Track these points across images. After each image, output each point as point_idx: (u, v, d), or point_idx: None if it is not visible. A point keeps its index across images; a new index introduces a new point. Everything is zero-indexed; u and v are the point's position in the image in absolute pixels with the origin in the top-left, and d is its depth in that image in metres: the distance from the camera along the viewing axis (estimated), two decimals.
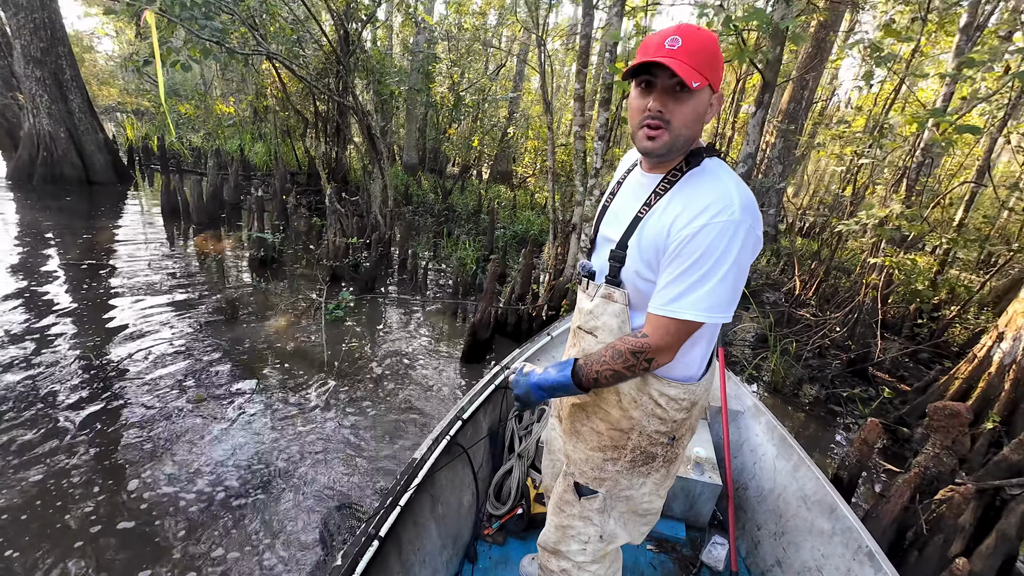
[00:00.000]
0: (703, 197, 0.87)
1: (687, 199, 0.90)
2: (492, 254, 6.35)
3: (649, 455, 1.10)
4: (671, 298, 0.89)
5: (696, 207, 0.87)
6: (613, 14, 3.10)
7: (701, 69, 0.83)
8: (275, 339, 3.72)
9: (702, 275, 0.85)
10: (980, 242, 4.48)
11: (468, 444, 1.86)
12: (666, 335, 0.91)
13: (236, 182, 8.20)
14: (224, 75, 13.14)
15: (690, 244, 0.86)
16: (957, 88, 4.48)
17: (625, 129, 7.19)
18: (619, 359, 0.95)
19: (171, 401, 2.81)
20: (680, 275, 0.87)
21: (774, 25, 2.80)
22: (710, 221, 0.84)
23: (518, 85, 13.89)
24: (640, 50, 0.89)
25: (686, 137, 0.91)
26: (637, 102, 0.91)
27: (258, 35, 6.16)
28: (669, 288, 0.89)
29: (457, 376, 3.58)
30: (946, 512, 2.05)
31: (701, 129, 0.93)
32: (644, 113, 0.90)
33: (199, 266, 5.07)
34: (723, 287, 0.86)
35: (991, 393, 3.22)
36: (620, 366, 0.95)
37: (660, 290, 0.91)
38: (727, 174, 0.92)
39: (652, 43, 0.86)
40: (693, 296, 0.86)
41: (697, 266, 0.85)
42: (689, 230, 0.86)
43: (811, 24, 8.53)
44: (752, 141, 5.53)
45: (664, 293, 0.90)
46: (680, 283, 0.87)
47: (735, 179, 0.91)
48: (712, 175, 0.92)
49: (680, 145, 0.92)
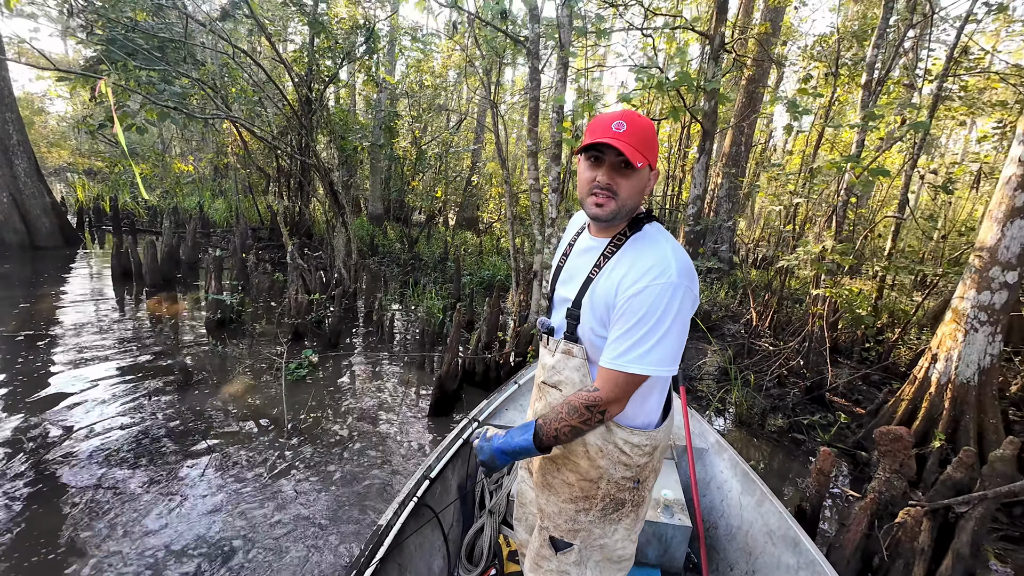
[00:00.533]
0: (645, 261, 0.98)
1: (631, 262, 1.00)
2: (459, 302, 6.38)
3: (618, 501, 1.15)
4: (619, 353, 0.97)
5: (639, 270, 0.97)
6: (558, 80, 3.37)
7: (643, 151, 0.96)
8: (232, 405, 3.56)
9: (646, 332, 0.94)
10: (909, 268, 4.88)
11: (437, 504, 1.82)
12: (615, 387, 0.99)
13: (194, 240, 8.01)
14: (183, 135, 13.11)
15: (634, 303, 0.95)
16: (869, 134, 5.00)
17: (576, 180, 7.53)
18: (575, 414, 1.02)
19: (112, 482, 2.61)
20: (626, 332, 0.96)
21: (703, 87, 3.11)
22: (651, 283, 0.94)
23: (480, 136, 14.47)
24: (590, 129, 1.01)
25: (630, 207, 1.03)
26: (587, 174, 1.02)
27: (219, 97, 6.27)
28: (617, 344, 0.97)
29: (425, 431, 3.50)
30: (902, 536, 2.12)
31: (642, 199, 1.05)
32: (593, 183, 1.01)
33: (151, 331, 4.85)
34: (666, 343, 0.94)
35: (934, 412, 3.41)
36: (576, 421, 1.02)
37: (609, 345, 0.99)
38: (665, 239, 1.03)
39: (601, 124, 0.98)
40: (639, 351, 0.95)
41: (642, 324, 0.94)
42: (633, 290, 0.95)
43: (742, 79, 9.42)
44: (699, 184, 5.93)
45: (613, 348, 0.98)
46: (627, 339, 0.96)
47: (672, 244, 1.02)
48: (652, 240, 1.03)
49: (625, 213, 1.04)
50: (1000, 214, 3.18)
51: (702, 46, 9.30)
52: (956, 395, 3.32)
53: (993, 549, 2.74)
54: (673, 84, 2.60)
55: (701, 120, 4.98)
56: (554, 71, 3.42)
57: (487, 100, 4.98)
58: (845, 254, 3.66)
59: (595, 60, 14.99)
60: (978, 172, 6.17)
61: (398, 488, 2.78)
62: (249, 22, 7.50)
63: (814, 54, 7.32)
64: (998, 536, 2.85)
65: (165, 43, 5.61)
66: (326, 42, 7.82)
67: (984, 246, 3.26)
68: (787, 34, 10.41)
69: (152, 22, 5.69)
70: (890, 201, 11.10)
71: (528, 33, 3.50)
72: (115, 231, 9.81)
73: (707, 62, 5.45)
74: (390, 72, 12.02)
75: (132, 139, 13.77)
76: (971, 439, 3.20)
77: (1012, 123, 6.11)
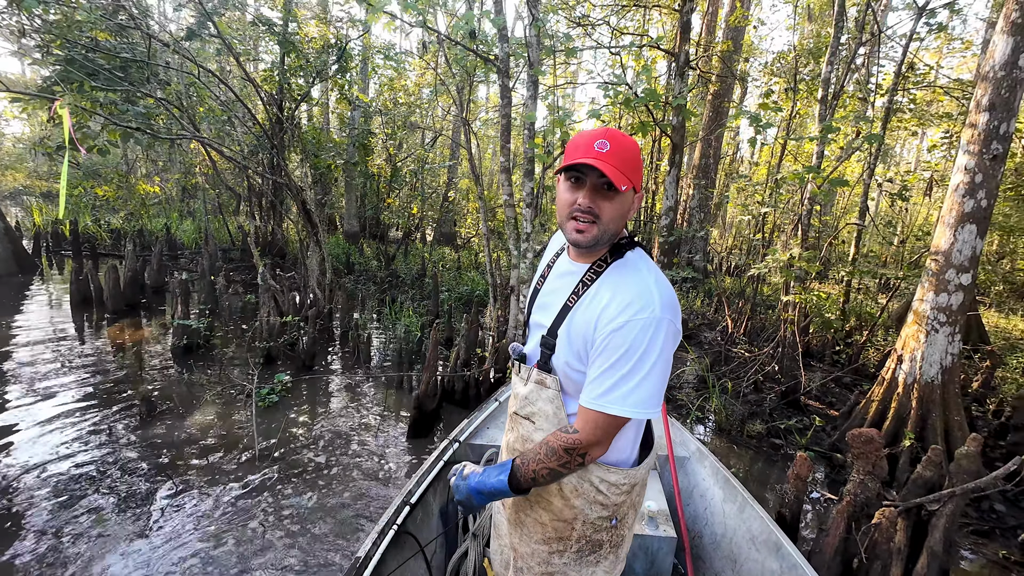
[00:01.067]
0: (626, 293, 0.91)
1: (612, 292, 0.93)
2: (437, 318, 6.31)
3: (595, 543, 1.09)
4: (600, 392, 0.91)
5: (620, 303, 0.90)
6: (529, 97, 3.43)
7: (627, 172, 0.89)
8: (199, 434, 3.40)
9: (629, 370, 0.88)
10: (872, 272, 5.09)
11: (418, 530, 1.76)
12: (596, 429, 0.93)
13: (160, 263, 7.73)
14: (148, 155, 12.76)
15: (615, 339, 0.89)
16: (828, 145, 5.23)
17: (551, 194, 7.64)
18: (553, 457, 0.96)
19: (70, 525, 2.44)
20: (607, 369, 0.90)
21: (669, 102, 3.19)
22: (633, 318, 0.87)
23: (455, 152, 14.54)
24: (570, 148, 0.94)
25: (612, 231, 0.96)
26: (567, 196, 0.95)
27: (186, 116, 6.14)
28: (598, 382, 0.91)
29: (404, 453, 3.41)
30: (879, 537, 2.15)
31: (625, 224, 0.98)
32: (573, 206, 0.93)
33: (113, 359, 4.63)
34: (649, 382, 0.88)
35: (903, 412, 3.52)
36: (555, 464, 0.96)
37: (589, 383, 0.93)
38: (648, 269, 0.96)
39: (582, 143, 0.91)
40: (621, 391, 0.89)
41: (623, 361, 0.88)
42: (614, 325, 0.89)
43: (707, 94, 9.76)
44: (671, 195, 6.08)
45: (593, 387, 0.92)
46: (608, 378, 0.90)
47: (656, 275, 0.95)
48: (634, 270, 0.96)
49: (606, 238, 0.96)
50: (951, 219, 3.35)
51: (668, 63, 9.62)
52: (922, 394, 3.43)
53: (964, 544, 2.81)
54: (641, 100, 2.67)
55: (670, 134, 5.13)
56: (526, 89, 3.48)
57: (460, 118, 5.02)
58: (812, 261, 3.79)
59: (566, 77, 15.33)
60: (930, 179, 6.51)
61: (377, 515, 2.69)
62: (217, 42, 7.42)
63: (774, 70, 7.67)
64: (969, 531, 2.93)
65: (127, 63, 5.48)
66: (297, 61, 7.78)
67: (939, 250, 3.42)
68: (748, 52, 10.89)
69: (113, 42, 5.56)
70: (851, 209, 11.61)
71: (498, 52, 3.55)
72: (75, 256, 9.41)
73: (673, 78, 5.65)
74: (363, 90, 12.02)
75: (94, 160, 13.35)
76: (938, 437, 3.31)
77: (958, 133, 6.49)
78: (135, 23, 5.39)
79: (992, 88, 3.14)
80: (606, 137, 0.90)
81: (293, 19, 8.20)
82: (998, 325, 8.25)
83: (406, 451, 3.44)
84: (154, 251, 7.93)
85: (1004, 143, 3.17)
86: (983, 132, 3.19)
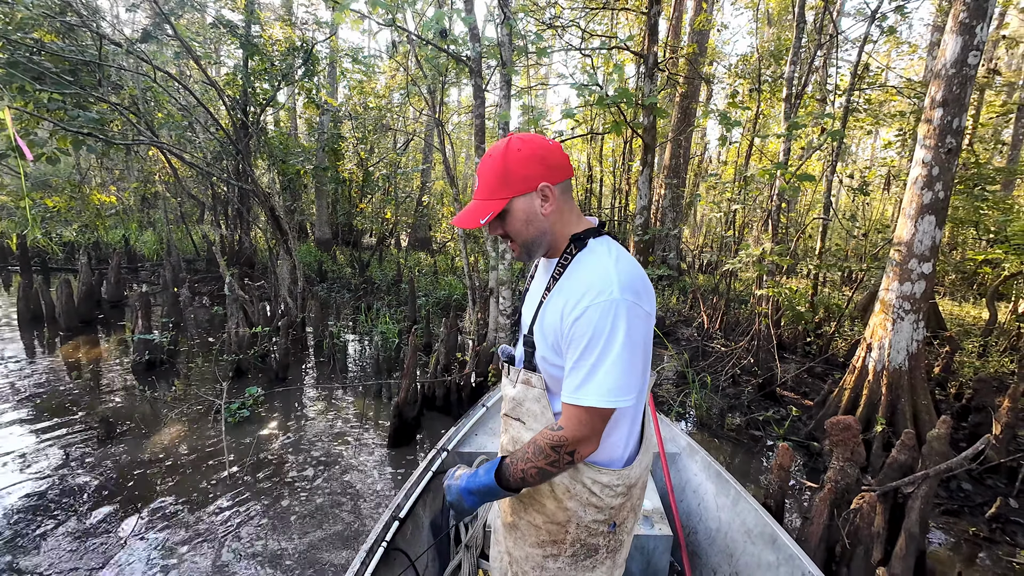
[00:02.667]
0: (584, 280, 0.90)
1: (573, 283, 0.92)
2: (415, 324, 6.20)
3: (591, 547, 1.05)
4: (575, 386, 0.88)
5: (579, 291, 0.89)
6: (502, 96, 3.40)
7: (490, 196, 0.94)
8: (165, 455, 3.21)
9: (596, 358, 0.86)
10: (838, 265, 5.26)
11: (409, 546, 1.68)
12: (579, 424, 0.90)
13: (118, 276, 7.34)
14: (103, 163, 12.16)
15: (578, 328, 0.87)
16: (793, 143, 5.40)
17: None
18: (541, 455, 0.93)
19: (25, 563, 2.25)
20: (577, 361, 0.88)
21: (640, 102, 3.22)
22: (591, 303, 0.86)
23: (427, 156, 14.42)
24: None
25: (532, 238, 0.98)
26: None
27: (143, 122, 5.85)
28: (572, 376, 0.90)
29: (386, 463, 3.30)
30: (859, 522, 2.19)
31: (546, 223, 0.97)
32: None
33: (68, 378, 4.34)
34: (618, 368, 0.85)
35: (874, 398, 3.63)
36: (543, 463, 0.92)
37: (566, 377, 0.92)
38: (608, 252, 0.94)
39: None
40: (593, 381, 0.86)
41: (589, 350, 0.86)
42: (575, 313, 0.88)
43: (676, 95, 9.98)
44: (644, 195, 6.15)
45: (569, 381, 0.90)
46: (579, 369, 0.88)
47: (616, 257, 0.92)
48: (593, 256, 0.94)
49: (541, 242, 0.99)
50: (912, 211, 3.48)
51: (637, 65, 9.79)
52: (891, 380, 3.55)
53: (936, 524, 2.91)
54: (614, 99, 2.68)
55: (642, 134, 5.20)
56: (499, 89, 3.45)
57: (433, 119, 4.96)
58: (783, 255, 3.88)
59: (538, 79, 15.42)
60: (887, 175, 6.80)
61: (363, 531, 2.59)
62: (175, 45, 7.12)
63: (738, 72, 7.90)
64: (940, 511, 3.03)
65: (77, 66, 5.19)
66: (261, 64, 7.54)
67: (901, 241, 3.55)
68: (712, 55, 11.20)
69: (62, 44, 5.25)
70: (814, 205, 12.06)
71: (470, 52, 3.51)
72: (23, 271, 8.86)
73: (643, 80, 5.75)
74: (332, 94, 11.78)
75: (44, 170, 12.64)
76: (907, 421, 3.42)
77: (910, 131, 6.81)
78: (84, 23, 5.11)
79: (944, 85, 3.29)
80: (478, 171, 0.98)
81: (256, 21, 7.96)
82: (952, 312, 8.69)
83: (387, 461, 3.33)
84: (111, 264, 7.52)
85: (957, 137, 3.32)
86: (938, 127, 3.33)
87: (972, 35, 3.18)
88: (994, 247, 5.56)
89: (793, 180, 3.38)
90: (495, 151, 0.95)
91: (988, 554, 2.69)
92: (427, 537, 1.91)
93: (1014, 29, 12.59)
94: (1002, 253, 5.28)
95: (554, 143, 0.97)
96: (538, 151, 0.94)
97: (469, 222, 0.94)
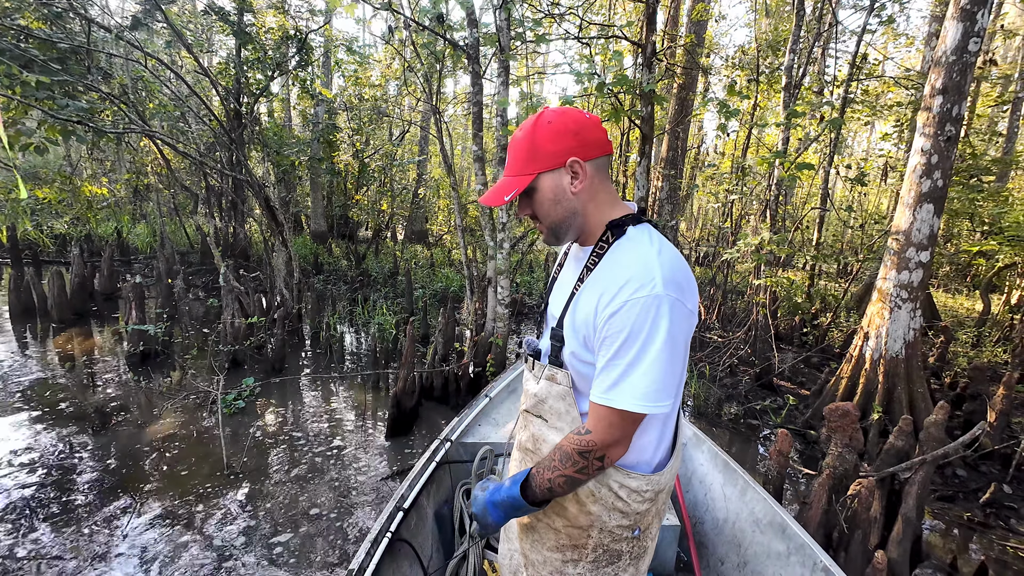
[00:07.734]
0: (624, 271, 0.83)
1: (610, 273, 0.86)
2: (412, 315, 6.17)
3: (613, 553, 0.99)
4: (607, 386, 0.83)
5: (617, 282, 0.82)
6: (500, 83, 3.36)
7: (517, 173, 0.89)
8: (160, 446, 3.18)
9: (633, 358, 0.80)
10: (835, 256, 5.27)
11: (414, 537, 1.67)
12: (609, 428, 0.84)
13: (111, 269, 7.26)
14: (93, 154, 11.99)
15: (614, 324, 0.81)
16: (792, 133, 5.38)
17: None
18: (568, 462, 0.88)
19: (14, 550, 2.23)
20: (611, 359, 0.82)
21: (639, 89, 3.19)
22: (631, 298, 0.79)
23: (424, 148, 14.30)
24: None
25: (560, 218, 0.92)
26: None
27: (134, 111, 5.75)
28: (604, 374, 0.84)
29: (384, 453, 3.29)
30: (857, 507, 2.20)
31: (576, 202, 0.90)
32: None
33: (62, 370, 4.30)
34: (656, 370, 0.79)
35: (870, 387, 3.65)
36: (572, 470, 0.88)
37: (597, 376, 0.86)
38: (650, 242, 0.87)
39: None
40: (627, 382, 0.80)
41: (626, 348, 0.80)
42: (612, 308, 0.81)
43: (673, 86, 9.93)
44: (641, 186, 6.13)
45: (600, 380, 0.85)
46: (613, 368, 0.82)
47: (659, 247, 0.85)
48: (633, 245, 0.87)
49: (571, 224, 0.92)
50: (910, 199, 3.48)
51: (635, 56, 9.72)
52: (888, 368, 3.57)
53: (931, 509, 2.94)
54: (614, 85, 2.65)
55: (640, 124, 5.17)
56: (496, 77, 3.41)
57: (430, 107, 4.90)
58: (781, 244, 3.88)
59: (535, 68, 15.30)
60: (884, 166, 6.81)
61: (365, 522, 2.58)
62: (166, 33, 6.99)
63: (736, 63, 7.85)
64: (935, 497, 3.06)
65: (66, 53, 5.08)
66: (255, 53, 7.42)
67: (899, 230, 3.56)
68: (710, 46, 11.13)
69: (49, 31, 5.14)
70: (811, 198, 12.08)
71: (467, 38, 3.46)
72: (14, 264, 8.76)
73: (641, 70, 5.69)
74: (327, 85, 11.64)
75: (33, 161, 12.45)
76: (904, 408, 3.45)
77: (908, 121, 6.81)
78: (72, 8, 5.00)
79: (944, 72, 3.28)
80: (507, 150, 0.94)
81: (248, 9, 7.83)
82: (946, 304, 8.75)
83: (386, 451, 3.33)
84: (104, 256, 7.44)
85: (956, 125, 3.32)
86: (937, 115, 3.32)
87: (973, 22, 3.16)
88: (988, 239, 5.59)
89: (791, 168, 3.37)
90: (526, 124, 0.90)
91: (982, 538, 2.72)
92: (431, 527, 1.90)
93: (1011, 20, 12.59)
94: (996, 245, 5.31)
95: (592, 117, 0.89)
96: (571, 124, 0.87)
97: (494, 199, 0.89)
